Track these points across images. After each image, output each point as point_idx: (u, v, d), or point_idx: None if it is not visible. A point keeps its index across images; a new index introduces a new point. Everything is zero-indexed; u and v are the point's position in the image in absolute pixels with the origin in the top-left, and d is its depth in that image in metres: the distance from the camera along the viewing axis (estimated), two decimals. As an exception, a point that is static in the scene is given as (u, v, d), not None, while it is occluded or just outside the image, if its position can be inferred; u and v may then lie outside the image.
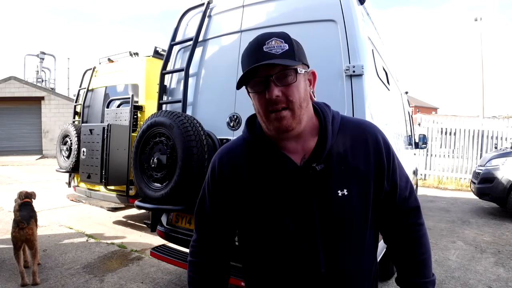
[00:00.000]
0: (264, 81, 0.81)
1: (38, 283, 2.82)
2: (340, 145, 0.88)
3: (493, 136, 9.93)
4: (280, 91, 0.80)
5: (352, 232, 0.88)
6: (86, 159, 3.98)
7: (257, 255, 0.95)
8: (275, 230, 0.89)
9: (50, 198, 6.44)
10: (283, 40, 0.82)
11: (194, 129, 2.11)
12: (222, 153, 0.98)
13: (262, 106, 0.83)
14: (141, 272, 3.18)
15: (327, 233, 0.86)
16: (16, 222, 2.81)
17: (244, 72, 0.82)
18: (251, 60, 0.82)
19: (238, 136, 1.00)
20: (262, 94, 0.82)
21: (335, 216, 0.86)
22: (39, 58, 21.21)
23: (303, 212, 0.86)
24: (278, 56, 0.80)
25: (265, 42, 0.81)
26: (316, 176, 0.85)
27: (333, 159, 0.87)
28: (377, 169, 0.89)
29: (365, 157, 0.89)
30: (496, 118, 12.90)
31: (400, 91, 4.15)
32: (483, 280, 3.13)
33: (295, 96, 0.82)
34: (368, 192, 0.88)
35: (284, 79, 0.81)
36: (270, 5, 2.23)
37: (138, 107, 4.35)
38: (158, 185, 2.24)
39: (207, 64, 2.50)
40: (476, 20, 15.92)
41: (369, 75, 1.99)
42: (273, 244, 0.90)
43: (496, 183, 5.68)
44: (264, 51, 0.80)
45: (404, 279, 0.95)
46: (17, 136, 15.67)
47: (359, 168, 0.88)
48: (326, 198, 0.85)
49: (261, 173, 0.90)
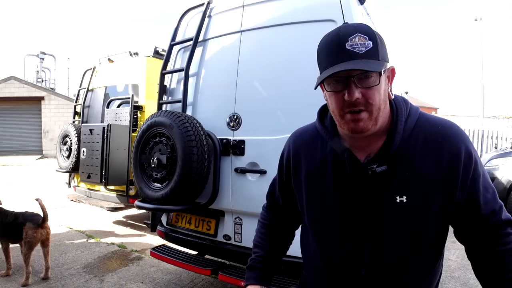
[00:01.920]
0: (344, 80, 0.76)
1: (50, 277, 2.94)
2: (409, 147, 0.82)
3: (493, 136, 9.93)
4: (361, 93, 0.75)
5: (403, 241, 0.82)
6: (86, 159, 3.98)
7: (310, 245, 0.98)
8: (325, 224, 0.89)
9: (50, 198, 6.44)
10: (367, 37, 0.75)
11: (194, 129, 2.11)
12: (294, 136, 1.02)
13: (339, 106, 0.79)
14: (141, 272, 3.18)
15: (376, 237, 0.83)
16: (34, 223, 2.79)
17: (327, 72, 0.76)
18: (332, 57, 0.77)
19: (312, 123, 1.00)
20: (340, 94, 0.77)
21: (387, 223, 0.82)
22: (39, 58, 21.21)
23: (355, 212, 0.84)
24: (361, 55, 0.74)
25: (347, 38, 0.75)
26: (375, 178, 0.81)
27: (398, 162, 0.81)
28: (448, 177, 0.79)
29: (436, 162, 0.80)
30: (496, 118, 12.90)
31: (400, 91, 4.15)
32: (483, 280, 3.13)
33: (376, 99, 0.77)
34: (432, 202, 0.80)
35: (366, 80, 0.75)
36: (270, 5, 2.23)
37: (138, 107, 4.35)
38: (158, 185, 2.24)
39: (207, 64, 2.50)
40: (476, 20, 15.93)
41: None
42: (322, 237, 0.92)
43: (496, 183, 5.67)
44: (346, 49, 0.74)
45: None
46: (17, 136, 15.68)
47: (426, 174, 0.80)
48: (382, 202, 0.81)
49: (322, 166, 0.89)
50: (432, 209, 0.80)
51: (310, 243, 0.98)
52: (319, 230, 0.92)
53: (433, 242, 0.86)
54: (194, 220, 2.43)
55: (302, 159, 0.95)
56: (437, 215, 0.81)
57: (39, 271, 2.99)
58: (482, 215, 0.83)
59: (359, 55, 0.74)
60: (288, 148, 1.01)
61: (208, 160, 2.15)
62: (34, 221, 2.79)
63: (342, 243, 0.86)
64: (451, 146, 0.80)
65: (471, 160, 0.81)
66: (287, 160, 1.00)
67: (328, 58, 0.78)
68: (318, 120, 0.95)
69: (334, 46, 0.77)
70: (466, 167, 0.80)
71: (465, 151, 0.80)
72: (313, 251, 0.96)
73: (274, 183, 1.11)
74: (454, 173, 0.79)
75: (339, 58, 0.75)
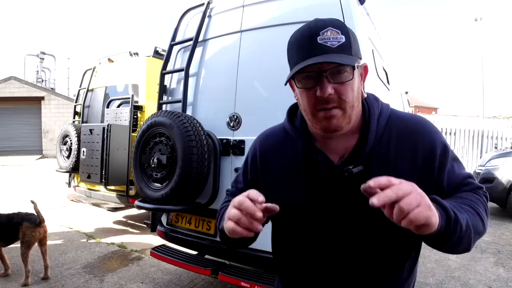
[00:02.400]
0: (315, 76, 0.72)
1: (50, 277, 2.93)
2: (383, 145, 0.79)
3: (493, 136, 9.94)
4: (333, 88, 0.72)
5: (383, 244, 0.79)
6: (86, 159, 3.98)
7: (285, 251, 0.91)
8: (301, 230, 0.83)
9: (50, 198, 6.44)
10: (340, 31, 0.72)
11: (194, 129, 2.12)
12: (261, 137, 0.95)
13: (310, 104, 0.75)
14: (141, 272, 3.18)
15: (357, 242, 0.79)
16: (31, 222, 2.79)
17: (297, 66, 0.72)
18: (303, 52, 0.72)
19: (280, 123, 0.95)
20: (311, 91, 0.73)
21: (368, 226, 0.78)
22: (39, 58, 21.22)
23: (333, 216, 0.79)
24: (334, 49, 0.70)
25: (319, 32, 0.71)
26: (352, 179, 0.77)
27: (373, 161, 0.78)
28: (425, 173, 0.78)
29: (411, 159, 0.78)
30: (496, 118, 12.90)
31: (400, 91, 4.15)
32: (483, 280, 3.13)
33: (349, 96, 0.73)
34: None
35: (339, 75, 0.72)
36: (270, 5, 2.23)
37: (138, 107, 4.35)
38: (158, 185, 2.24)
39: (207, 64, 2.50)
40: (476, 20, 15.93)
41: (369, 75, 1.98)
42: (298, 244, 0.86)
43: (496, 183, 5.68)
44: (318, 42, 0.71)
45: None
46: (17, 136, 15.68)
47: (402, 172, 0.76)
48: (360, 204, 0.77)
49: (294, 168, 0.84)
50: None
51: (282, 246, 0.92)
52: (296, 238, 0.86)
53: (412, 242, 0.83)
54: (194, 220, 2.44)
55: (271, 160, 0.89)
56: None
57: (39, 271, 2.98)
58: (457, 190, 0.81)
59: (332, 49, 0.70)
60: (254, 149, 0.94)
61: (208, 160, 2.15)
62: (31, 220, 2.79)
63: (322, 249, 0.82)
64: (424, 142, 0.79)
65: (446, 153, 0.80)
66: (253, 161, 0.93)
67: (299, 53, 0.73)
68: (288, 120, 0.90)
69: (305, 41, 0.73)
70: (441, 161, 0.79)
71: (440, 145, 0.79)
72: (287, 254, 0.90)
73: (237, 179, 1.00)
74: (430, 169, 0.78)
75: (311, 53, 0.71)
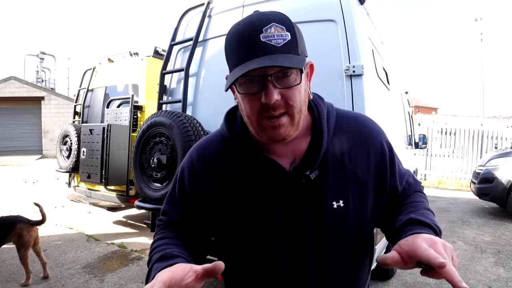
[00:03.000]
0: (259, 80, 0.64)
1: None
2: (336, 146, 0.75)
3: (493, 136, 9.94)
4: (280, 93, 0.64)
5: (347, 248, 0.75)
6: (86, 159, 3.98)
7: (236, 273, 0.80)
8: (257, 247, 0.74)
9: (50, 198, 6.44)
10: (284, 27, 0.64)
11: (194, 129, 2.12)
12: (198, 149, 0.82)
13: (254, 111, 0.66)
14: (141, 272, 3.18)
15: (320, 251, 0.73)
16: (25, 222, 2.79)
17: (238, 71, 0.63)
18: (244, 51, 0.63)
19: (215, 131, 0.84)
20: (255, 97, 0.65)
21: (330, 232, 0.72)
22: (39, 58, 21.22)
23: (292, 227, 0.72)
24: (279, 49, 0.62)
25: (262, 28, 0.63)
26: (309, 186, 0.71)
27: (328, 165, 0.73)
28: (379, 173, 0.76)
29: (364, 159, 0.76)
30: (496, 118, 12.91)
31: (400, 91, 4.15)
32: (483, 280, 3.13)
33: (296, 100, 0.66)
34: (367, 201, 0.75)
35: (285, 79, 0.64)
36: (270, 5, 2.23)
37: (138, 107, 4.35)
38: (158, 185, 2.24)
39: (207, 64, 2.50)
40: (476, 20, 15.94)
41: (369, 75, 1.99)
42: (253, 264, 0.76)
43: (496, 183, 5.68)
44: (261, 41, 0.62)
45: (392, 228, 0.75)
46: (17, 136, 15.68)
47: (357, 173, 0.74)
48: (319, 211, 0.72)
49: (240, 179, 0.75)
50: (368, 210, 0.76)
51: (238, 273, 0.80)
52: (251, 257, 0.76)
53: (369, 245, 0.81)
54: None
55: (214, 172, 0.78)
56: (371, 215, 0.77)
57: (39, 271, 2.99)
58: (402, 194, 0.82)
59: (277, 48, 0.62)
60: (191, 162, 0.80)
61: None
62: (24, 221, 2.80)
63: (283, 266, 0.73)
64: (374, 141, 0.77)
65: (392, 152, 0.80)
66: (191, 175, 0.79)
67: (239, 53, 0.64)
68: (226, 126, 0.79)
69: (246, 38, 0.63)
70: (391, 160, 0.79)
71: (386, 144, 0.79)
72: (245, 281, 0.80)
73: (172, 202, 0.83)
74: (384, 171, 0.77)
75: (253, 53, 0.62)
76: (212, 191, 0.77)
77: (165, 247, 0.71)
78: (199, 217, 0.79)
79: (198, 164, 0.80)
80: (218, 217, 0.77)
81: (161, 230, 0.81)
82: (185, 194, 0.80)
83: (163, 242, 0.74)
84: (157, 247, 0.72)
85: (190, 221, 0.80)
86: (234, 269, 0.79)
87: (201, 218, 0.79)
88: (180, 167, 0.84)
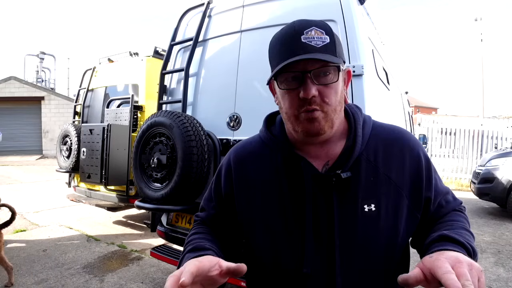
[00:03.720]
0: (299, 76, 0.69)
1: None
2: (370, 152, 0.76)
3: (493, 136, 9.94)
4: (317, 90, 0.68)
5: (377, 254, 0.73)
6: (86, 159, 3.98)
7: (259, 271, 0.80)
8: (283, 244, 0.75)
9: (50, 198, 6.44)
10: (324, 31, 0.69)
11: (194, 129, 2.12)
12: (236, 149, 0.88)
13: (293, 105, 0.71)
14: (141, 272, 3.18)
15: (348, 254, 0.72)
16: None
17: (280, 64, 0.69)
18: (286, 51, 0.69)
19: (255, 135, 0.89)
20: (294, 92, 0.70)
21: (359, 235, 0.72)
22: (39, 58, 21.21)
23: (320, 228, 0.73)
24: (318, 49, 0.68)
25: (303, 31, 0.68)
26: (340, 186, 0.72)
27: (361, 168, 0.74)
28: (414, 183, 0.76)
29: (399, 167, 0.76)
30: (496, 118, 12.91)
31: (400, 91, 4.15)
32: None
33: (332, 99, 0.70)
34: (400, 209, 0.74)
35: (324, 77, 0.69)
36: (270, 5, 2.23)
37: (138, 107, 4.35)
38: (158, 185, 2.24)
39: (207, 64, 2.50)
40: (476, 20, 15.94)
41: (369, 75, 1.99)
42: (278, 261, 0.76)
43: (496, 183, 5.68)
44: (302, 41, 0.68)
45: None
46: (17, 136, 15.67)
47: (391, 179, 0.74)
48: (350, 213, 0.72)
49: (273, 178, 0.78)
50: (401, 218, 0.74)
51: (263, 274, 0.80)
52: (278, 255, 0.76)
53: (403, 256, 0.79)
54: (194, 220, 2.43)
55: (249, 171, 0.82)
56: (406, 225, 0.75)
57: (39, 271, 2.98)
58: (433, 212, 0.80)
59: (316, 48, 0.68)
60: (228, 160, 0.86)
61: (208, 160, 2.15)
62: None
63: (309, 266, 0.72)
64: (411, 151, 0.78)
65: (429, 164, 0.80)
66: (227, 173, 0.85)
67: (281, 53, 0.70)
68: (265, 128, 0.85)
69: (289, 40, 0.70)
70: (427, 171, 0.79)
71: (423, 156, 0.79)
72: (270, 282, 0.79)
73: (209, 198, 0.90)
74: (419, 180, 0.77)
75: (294, 52, 0.68)
76: (245, 189, 0.81)
77: (198, 240, 0.77)
78: (230, 214, 0.84)
79: (234, 163, 0.85)
80: (247, 219, 0.81)
81: (197, 225, 0.89)
82: (219, 191, 0.86)
83: (197, 237, 0.80)
84: (191, 241, 0.79)
85: (223, 218, 0.86)
86: (257, 266, 0.81)
87: (232, 216, 0.84)
88: (219, 166, 0.90)
